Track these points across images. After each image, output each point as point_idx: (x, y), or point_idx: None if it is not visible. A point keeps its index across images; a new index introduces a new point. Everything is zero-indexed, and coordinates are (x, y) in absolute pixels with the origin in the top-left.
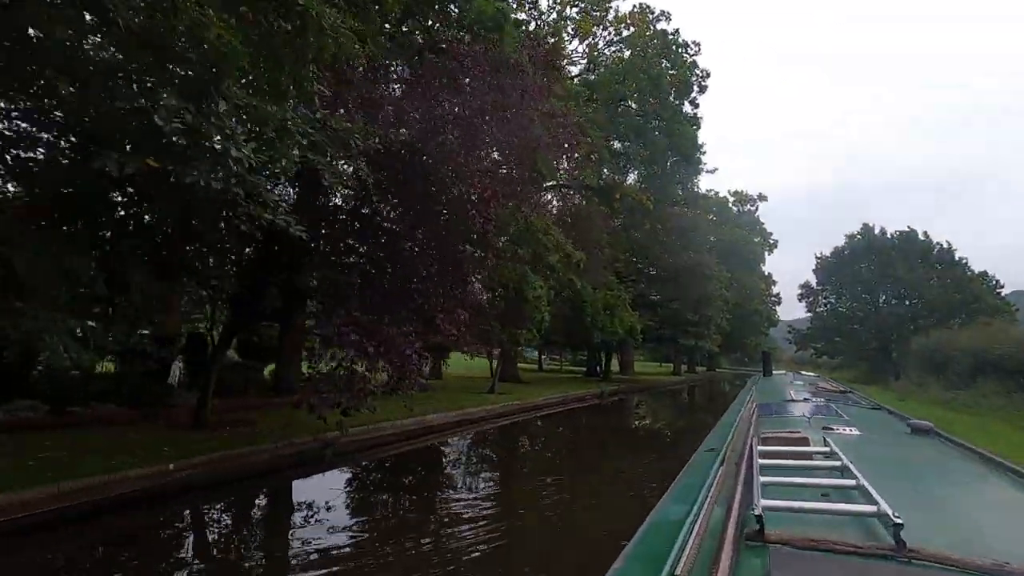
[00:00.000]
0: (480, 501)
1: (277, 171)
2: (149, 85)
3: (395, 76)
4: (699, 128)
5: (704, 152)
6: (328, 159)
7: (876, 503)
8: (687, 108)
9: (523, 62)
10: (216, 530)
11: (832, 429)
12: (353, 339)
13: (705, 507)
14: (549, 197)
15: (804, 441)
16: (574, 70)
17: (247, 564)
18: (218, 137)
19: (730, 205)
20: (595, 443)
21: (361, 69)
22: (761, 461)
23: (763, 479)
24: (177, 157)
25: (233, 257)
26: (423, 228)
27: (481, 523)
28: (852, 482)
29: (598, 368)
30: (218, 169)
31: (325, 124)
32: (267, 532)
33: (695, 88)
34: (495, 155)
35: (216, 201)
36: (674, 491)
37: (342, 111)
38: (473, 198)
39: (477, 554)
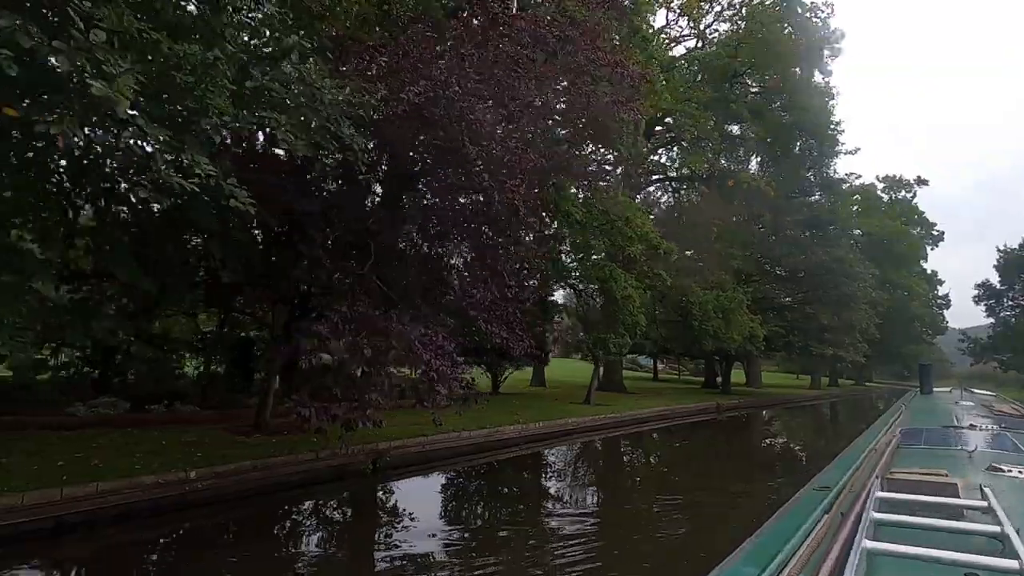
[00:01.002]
0: (528, 539)
1: (206, 127)
2: None
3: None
4: (832, 100)
5: (841, 130)
6: (297, 120)
7: None
8: (817, 78)
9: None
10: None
11: (1001, 471)
12: (347, 340)
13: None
14: (652, 190)
15: (950, 489)
16: (679, 49)
17: None
18: (64, 66)
19: (879, 192)
20: (696, 468)
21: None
22: (876, 515)
23: (871, 545)
24: (21, 97)
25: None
26: (438, 208)
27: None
28: (1013, 564)
29: (717, 379)
30: (95, 119)
31: (287, 76)
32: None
33: (826, 53)
34: (548, 121)
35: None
36: (753, 544)
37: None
38: (480, 165)
39: None
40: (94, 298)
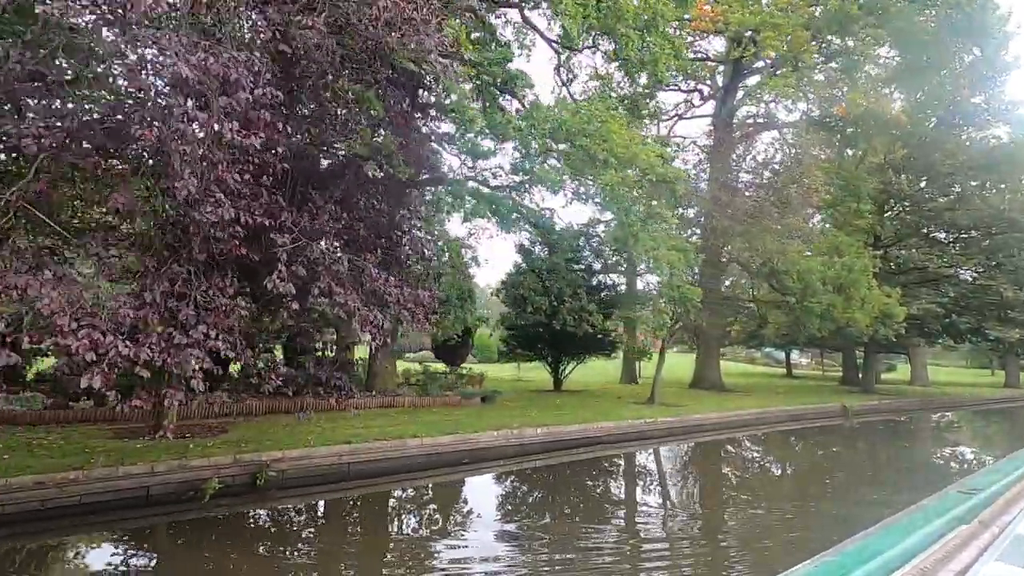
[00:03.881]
0: None
1: None
2: None
3: None
4: None
5: (1017, 31)
6: None
7: None
8: None
9: None
10: None
11: None
12: None
13: None
14: (763, 148)
15: None
16: None
17: None
18: None
19: None
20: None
21: None
22: None
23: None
24: None
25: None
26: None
27: None
28: None
29: (860, 374)
30: None
31: None
32: None
33: None
34: None
35: None
36: (858, 543)
37: None
38: None
39: None
40: None
